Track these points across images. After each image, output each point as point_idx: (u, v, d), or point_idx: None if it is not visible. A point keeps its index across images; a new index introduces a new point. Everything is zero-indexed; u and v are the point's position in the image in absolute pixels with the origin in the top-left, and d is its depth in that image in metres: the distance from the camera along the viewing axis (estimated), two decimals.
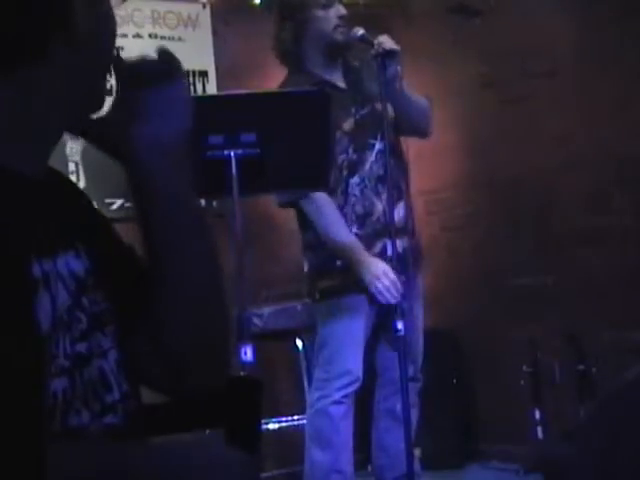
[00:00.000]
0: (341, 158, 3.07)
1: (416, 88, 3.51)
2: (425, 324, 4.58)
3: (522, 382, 4.14)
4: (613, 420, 0.83)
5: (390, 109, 3.12)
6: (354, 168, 3.09)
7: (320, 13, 3.13)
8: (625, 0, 4.07)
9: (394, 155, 3.08)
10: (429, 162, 4.73)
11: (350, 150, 3.08)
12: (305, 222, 3.15)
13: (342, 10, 3.13)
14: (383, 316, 3.18)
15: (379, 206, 3.11)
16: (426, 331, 4.36)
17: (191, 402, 1.25)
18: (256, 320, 3.82)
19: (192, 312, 1.05)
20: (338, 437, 3.07)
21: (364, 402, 3.33)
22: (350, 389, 3.07)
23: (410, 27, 4.83)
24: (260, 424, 1.33)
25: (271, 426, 3.76)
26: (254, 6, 4.62)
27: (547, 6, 4.32)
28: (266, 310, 3.87)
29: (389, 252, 3.07)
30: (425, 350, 3.41)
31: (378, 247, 3.10)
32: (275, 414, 3.80)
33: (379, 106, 3.10)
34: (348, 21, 3.16)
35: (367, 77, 3.20)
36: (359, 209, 3.10)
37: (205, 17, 4.55)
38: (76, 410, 0.92)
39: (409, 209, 3.20)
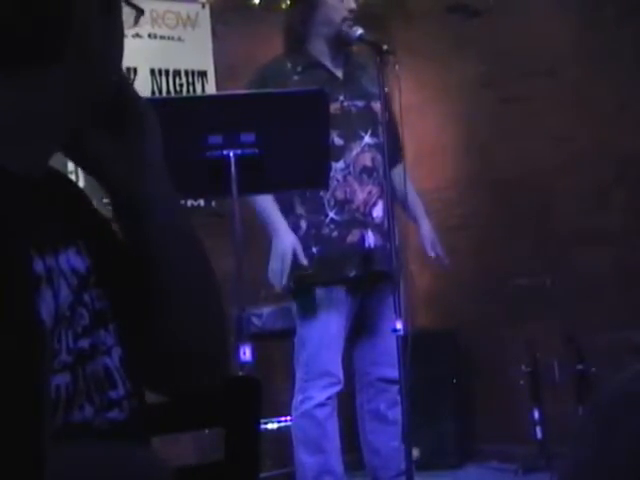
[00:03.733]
0: None
1: (416, 88, 3.52)
2: (425, 324, 4.59)
3: (521, 382, 4.14)
4: (606, 419, 0.83)
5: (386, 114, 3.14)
6: (340, 153, 3.08)
7: (332, 1, 3.13)
8: (625, 0, 4.08)
9: (381, 152, 3.06)
10: (429, 162, 4.73)
11: (335, 135, 3.06)
12: (281, 206, 3.15)
13: (353, 4, 3.13)
14: (364, 313, 3.17)
15: (360, 195, 3.11)
16: (426, 331, 4.37)
17: (191, 402, 1.25)
18: (255, 320, 3.82)
19: (187, 317, 1.06)
20: (326, 439, 3.06)
21: (354, 401, 3.33)
22: (332, 391, 3.05)
23: (410, 27, 4.83)
24: (259, 424, 1.33)
25: (270, 426, 3.76)
26: (254, 6, 4.63)
27: (547, 6, 4.32)
28: (265, 310, 3.87)
29: (366, 243, 3.09)
30: (425, 350, 3.41)
31: (356, 235, 3.10)
32: (274, 414, 3.79)
33: (374, 105, 3.12)
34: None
35: (366, 77, 3.21)
36: (339, 194, 3.10)
37: (204, 17, 4.55)
38: (79, 406, 0.93)
39: (389, 212, 3.07)
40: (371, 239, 3.11)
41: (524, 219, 4.46)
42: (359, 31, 3.07)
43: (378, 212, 3.12)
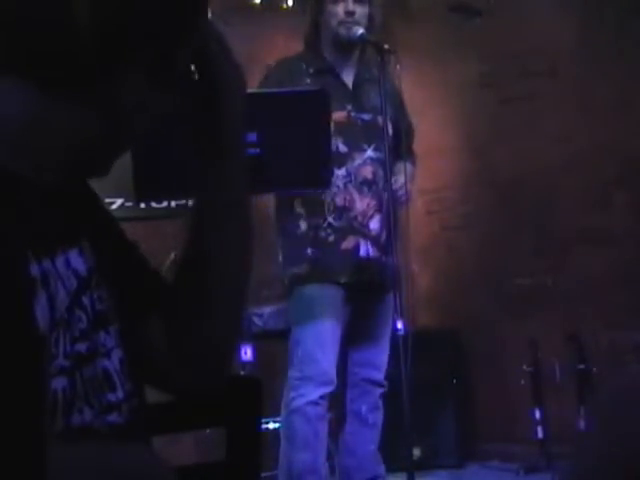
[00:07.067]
0: None
1: (416, 88, 3.52)
2: (425, 324, 4.59)
3: (522, 382, 4.14)
4: (607, 419, 0.83)
5: (390, 127, 3.13)
6: (343, 160, 3.08)
7: (330, 7, 3.15)
8: (625, 0, 4.08)
9: (383, 167, 3.08)
10: (429, 162, 4.72)
11: (339, 142, 3.07)
12: (283, 204, 3.14)
13: (350, 6, 3.13)
14: (359, 319, 3.17)
15: (359, 205, 3.11)
16: (426, 331, 4.37)
17: (191, 402, 1.25)
18: (256, 320, 3.82)
19: (221, 318, 1.07)
20: (315, 438, 3.05)
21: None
22: (325, 390, 3.04)
23: (410, 27, 4.83)
24: (260, 424, 1.34)
25: (271, 426, 3.75)
26: (254, 6, 4.63)
27: (547, 6, 4.33)
28: (266, 310, 3.87)
29: (361, 252, 3.09)
30: (425, 350, 3.41)
31: (351, 242, 3.10)
32: (275, 414, 3.79)
33: (381, 120, 3.13)
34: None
35: (376, 90, 3.20)
36: (339, 201, 3.10)
37: None
38: (78, 409, 0.92)
39: (388, 226, 3.13)
40: (367, 249, 3.11)
41: (525, 219, 4.47)
42: (360, 31, 3.07)
43: (375, 224, 3.13)
